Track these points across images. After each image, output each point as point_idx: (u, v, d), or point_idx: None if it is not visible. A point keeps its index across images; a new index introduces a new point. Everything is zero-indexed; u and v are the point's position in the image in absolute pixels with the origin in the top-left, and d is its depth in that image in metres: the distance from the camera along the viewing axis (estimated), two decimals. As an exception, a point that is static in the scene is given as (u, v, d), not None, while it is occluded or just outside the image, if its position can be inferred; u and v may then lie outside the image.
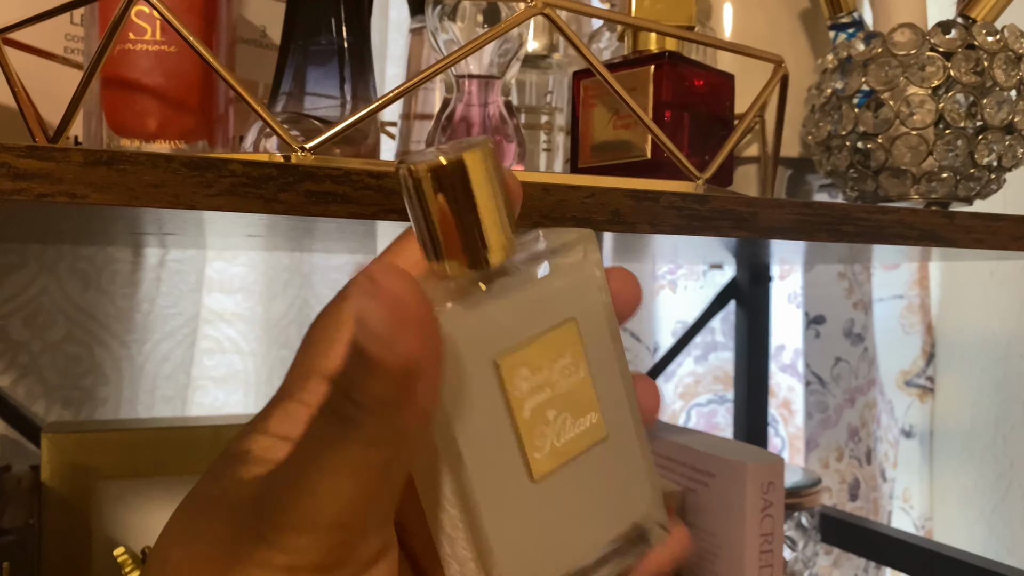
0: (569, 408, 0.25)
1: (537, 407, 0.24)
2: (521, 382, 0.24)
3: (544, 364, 0.24)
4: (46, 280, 0.64)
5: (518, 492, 0.24)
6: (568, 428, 0.25)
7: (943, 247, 0.43)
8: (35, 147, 0.28)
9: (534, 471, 0.24)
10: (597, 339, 0.25)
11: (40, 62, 0.49)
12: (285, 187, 0.30)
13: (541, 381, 0.24)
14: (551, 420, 0.24)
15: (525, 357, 0.24)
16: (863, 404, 1.01)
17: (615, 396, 0.26)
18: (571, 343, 0.25)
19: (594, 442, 0.25)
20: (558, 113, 0.59)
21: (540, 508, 0.24)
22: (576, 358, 0.25)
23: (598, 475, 0.25)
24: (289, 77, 0.46)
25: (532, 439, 0.24)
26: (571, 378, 0.25)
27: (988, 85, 0.48)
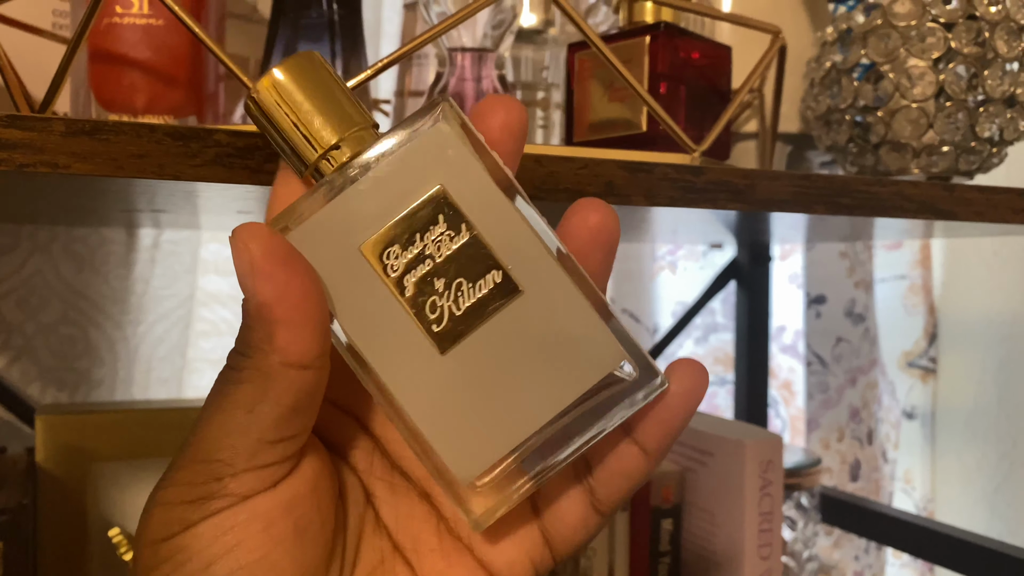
0: (461, 273, 0.24)
1: (419, 280, 0.24)
2: (393, 261, 0.24)
3: (415, 237, 0.24)
4: (39, 261, 0.63)
5: (431, 368, 0.24)
6: (467, 293, 0.24)
7: (942, 220, 0.43)
8: (16, 116, 0.27)
9: (439, 344, 0.24)
10: (483, 198, 0.24)
11: (27, 38, 0.48)
12: (272, 157, 0.30)
13: (416, 255, 0.24)
14: (440, 289, 0.24)
15: (388, 236, 0.24)
16: (864, 384, 1.01)
17: (526, 248, 0.24)
18: (443, 209, 0.24)
19: (506, 299, 0.24)
20: (554, 89, 0.59)
21: (462, 379, 0.24)
22: (455, 222, 0.24)
23: (526, 332, 0.24)
24: (280, 52, 0.45)
25: (424, 313, 0.24)
26: (453, 243, 0.24)
27: (989, 56, 0.48)
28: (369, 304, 0.24)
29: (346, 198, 0.24)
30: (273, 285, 0.22)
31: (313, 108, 0.24)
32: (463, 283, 0.24)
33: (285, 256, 0.22)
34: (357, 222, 0.24)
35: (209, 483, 0.23)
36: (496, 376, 0.24)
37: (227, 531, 0.23)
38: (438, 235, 0.24)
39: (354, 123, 0.24)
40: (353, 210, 0.24)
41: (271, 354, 0.22)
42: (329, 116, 0.24)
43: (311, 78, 0.24)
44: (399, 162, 0.24)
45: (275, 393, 0.22)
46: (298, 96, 0.24)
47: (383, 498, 0.27)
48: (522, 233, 0.24)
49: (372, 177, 0.24)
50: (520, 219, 0.24)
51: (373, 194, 0.24)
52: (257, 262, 0.22)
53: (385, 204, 0.24)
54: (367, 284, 0.24)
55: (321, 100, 0.24)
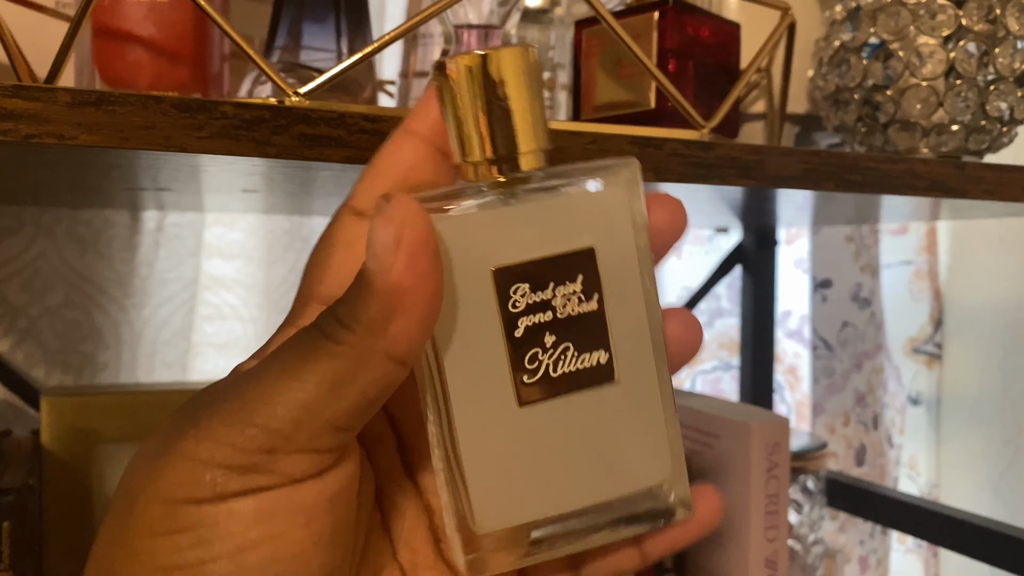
0: (573, 338, 0.23)
1: (533, 327, 0.23)
2: (518, 297, 0.22)
3: (549, 284, 0.23)
4: (44, 244, 0.63)
5: (501, 415, 0.23)
6: (569, 360, 0.23)
7: (952, 198, 0.42)
8: (21, 86, 0.27)
9: (521, 395, 0.23)
10: (621, 275, 0.23)
11: (33, 17, 0.48)
12: (278, 130, 0.30)
13: (542, 301, 0.23)
14: (548, 346, 0.23)
15: (527, 272, 0.22)
16: (870, 369, 1.01)
17: (636, 341, 0.24)
18: (586, 271, 0.23)
19: (600, 383, 0.23)
20: (560, 70, 0.58)
21: (525, 437, 0.23)
22: (590, 288, 0.23)
23: (601, 421, 0.24)
24: (284, 30, 0.45)
25: (523, 361, 0.23)
26: (580, 308, 0.23)
27: (1000, 34, 0.47)
28: (474, 327, 0.22)
29: (503, 214, 0.22)
30: (414, 273, 0.20)
31: (515, 107, 0.22)
32: (570, 349, 0.23)
33: (434, 249, 0.21)
34: (504, 243, 0.22)
35: (258, 453, 0.20)
36: (556, 447, 0.23)
37: (270, 516, 0.21)
38: (570, 292, 0.23)
39: (539, 141, 0.23)
40: (507, 230, 0.22)
41: (380, 339, 0.21)
42: (522, 122, 0.22)
43: (523, 75, 0.22)
44: (567, 201, 0.23)
45: (366, 380, 0.21)
46: (504, 88, 0.22)
47: (392, 501, 0.26)
48: (640, 327, 0.23)
49: (534, 205, 0.22)
50: (644, 315, 0.24)
51: (528, 222, 0.22)
52: (407, 241, 0.20)
53: (535, 237, 0.22)
54: (482, 306, 0.22)
55: (522, 102, 0.22)
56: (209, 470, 0.20)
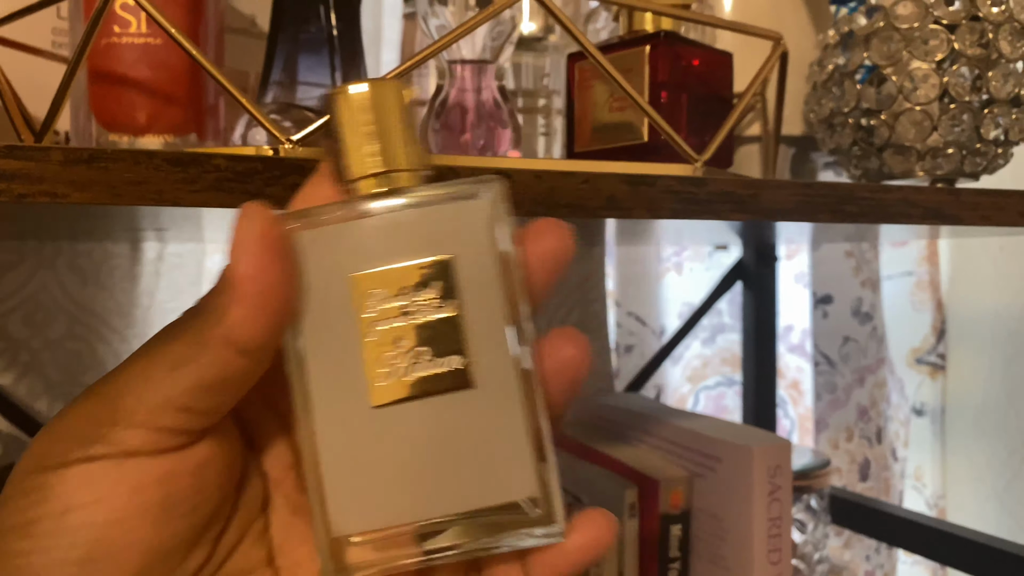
0: (427, 344, 0.24)
1: (387, 331, 0.24)
2: (373, 301, 0.24)
3: (404, 291, 0.24)
4: (45, 277, 0.63)
5: (357, 416, 0.24)
6: (423, 364, 0.24)
7: (948, 225, 0.42)
8: (14, 147, 0.27)
9: (374, 396, 0.24)
10: (481, 285, 0.24)
11: (28, 58, 0.48)
12: (271, 181, 0.30)
13: (396, 307, 0.24)
14: (403, 349, 0.24)
15: (383, 278, 0.24)
16: (873, 383, 1.01)
17: (496, 351, 0.24)
18: (443, 279, 0.24)
19: (456, 388, 0.24)
20: (556, 96, 0.59)
21: (380, 438, 0.24)
22: (446, 296, 0.24)
23: (458, 428, 0.24)
24: (279, 66, 0.45)
25: (377, 363, 0.24)
26: (434, 314, 0.24)
27: (993, 57, 0.47)
28: (335, 332, 0.24)
29: (362, 225, 0.24)
30: (253, 263, 0.22)
31: (381, 131, 0.24)
32: (425, 353, 0.24)
33: (277, 246, 0.23)
34: (361, 252, 0.24)
35: (101, 425, 0.22)
36: (413, 452, 0.24)
37: (94, 482, 0.22)
38: (425, 299, 0.24)
39: (407, 162, 0.25)
40: (363, 239, 0.24)
41: (218, 325, 0.22)
42: (390, 145, 0.24)
43: (391, 105, 0.25)
44: (426, 215, 0.24)
45: (203, 363, 0.22)
46: (373, 114, 0.24)
47: (281, 515, 0.27)
48: (499, 338, 0.24)
49: (394, 217, 0.24)
50: (503, 326, 0.24)
51: (388, 233, 0.24)
52: (249, 238, 0.22)
53: (394, 248, 0.24)
54: (340, 312, 0.24)
55: (390, 128, 0.24)
56: (60, 441, 0.23)
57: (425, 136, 0.45)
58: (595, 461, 0.64)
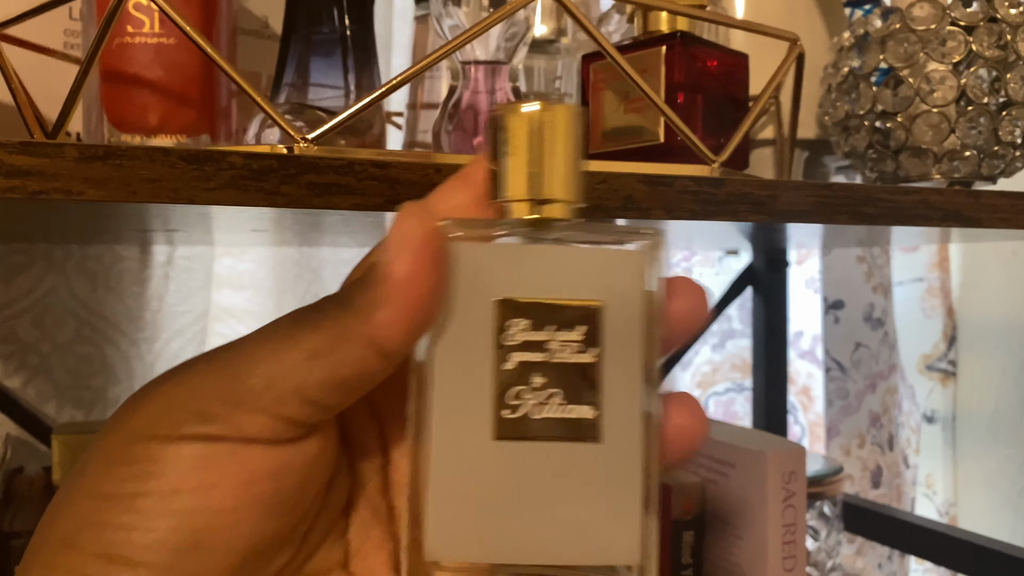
0: (562, 386, 0.23)
1: (524, 364, 0.23)
2: (516, 332, 0.23)
3: (548, 327, 0.23)
4: (54, 280, 0.63)
5: (476, 444, 0.23)
6: (553, 406, 0.23)
7: (967, 227, 0.42)
8: (29, 143, 0.27)
9: (498, 429, 0.23)
10: (625, 337, 0.23)
11: (40, 58, 0.48)
12: (287, 179, 0.30)
13: (538, 341, 0.23)
14: (536, 386, 0.23)
15: (531, 309, 0.23)
16: (884, 390, 1.00)
17: (627, 408, 0.23)
18: (590, 324, 0.23)
19: (582, 438, 0.23)
20: (567, 99, 0.58)
21: (493, 472, 0.23)
22: (589, 341, 0.23)
23: (576, 479, 0.23)
24: (292, 68, 0.45)
25: (507, 394, 0.23)
26: (576, 357, 0.23)
27: (1011, 59, 0.47)
28: (470, 353, 0.23)
29: (523, 251, 0.23)
30: (410, 266, 0.22)
31: (557, 158, 0.24)
32: (558, 395, 0.23)
33: (437, 251, 0.22)
34: (514, 278, 0.23)
35: (223, 404, 0.21)
36: (523, 494, 0.23)
37: (210, 466, 0.21)
38: (568, 340, 0.23)
39: (566, 193, 0.24)
40: (519, 266, 0.23)
41: (365, 323, 0.22)
42: (555, 172, 0.24)
43: (563, 130, 0.24)
44: (584, 255, 0.23)
45: (342, 358, 0.22)
46: (543, 137, 0.24)
47: (361, 516, 0.26)
48: (633, 395, 0.23)
49: (553, 250, 0.23)
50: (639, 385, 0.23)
51: (544, 264, 0.23)
52: (414, 239, 0.22)
53: (548, 281, 0.23)
54: (480, 333, 0.23)
55: (557, 154, 0.24)
56: (175, 411, 0.21)
57: (438, 137, 0.45)
58: (606, 466, 0.64)
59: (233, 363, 0.22)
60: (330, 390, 0.22)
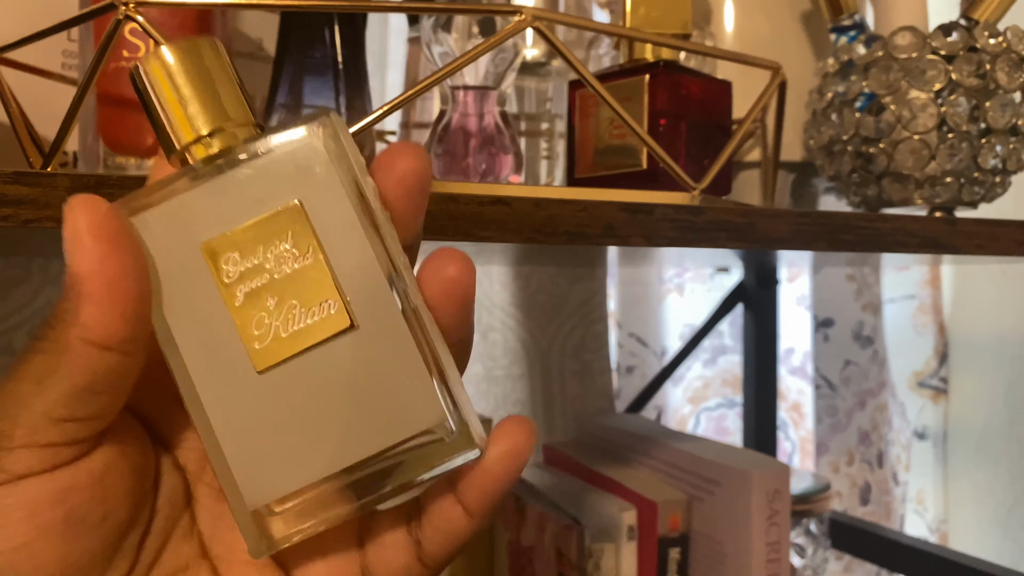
0: (296, 295, 0.23)
1: (251, 293, 0.23)
2: (231, 267, 0.23)
3: (258, 248, 0.23)
4: (50, 293, 0.64)
5: (243, 384, 0.23)
6: (297, 317, 0.23)
7: (945, 254, 0.43)
8: (21, 173, 0.28)
9: (257, 361, 0.23)
10: (339, 225, 0.23)
11: (37, 78, 0.49)
12: (273, 207, 0.30)
13: (255, 266, 0.23)
14: (271, 307, 0.23)
15: (234, 241, 0.23)
16: (874, 407, 1.01)
17: (370, 286, 0.23)
18: (295, 226, 0.23)
19: (335, 333, 0.23)
20: (558, 120, 0.59)
21: (273, 402, 0.23)
22: (303, 242, 0.23)
23: (350, 371, 0.23)
24: (285, 89, 0.46)
25: (250, 327, 0.23)
26: (296, 263, 0.23)
27: (991, 88, 0.48)
28: (198, 305, 0.23)
29: (201, 192, 0.23)
30: (89, 258, 0.21)
31: (195, 93, 0.23)
32: (297, 306, 0.23)
33: (112, 233, 0.22)
34: (207, 219, 0.23)
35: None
36: (310, 406, 0.23)
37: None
38: (282, 251, 0.23)
39: (234, 117, 0.24)
40: (205, 206, 0.23)
41: (72, 328, 0.21)
42: (210, 105, 0.23)
43: (202, 64, 0.24)
44: (264, 167, 0.23)
45: (68, 368, 0.21)
46: (183, 78, 0.23)
47: (205, 505, 0.26)
48: (371, 270, 0.23)
49: (233, 176, 0.23)
50: (372, 257, 0.23)
51: (229, 193, 0.23)
52: (80, 233, 0.21)
53: (239, 207, 0.23)
54: (201, 284, 0.23)
55: (206, 87, 0.23)
56: None
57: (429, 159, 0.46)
58: (594, 482, 0.64)
59: None
60: (76, 402, 0.22)
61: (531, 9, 0.35)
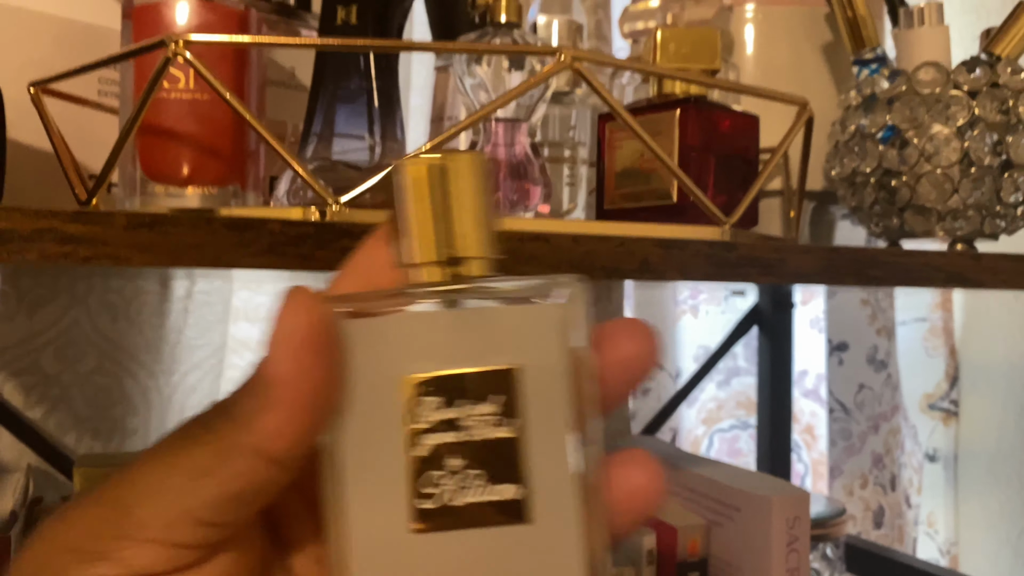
0: (483, 465, 0.21)
1: (437, 447, 0.21)
2: (426, 412, 0.21)
3: (461, 402, 0.21)
4: (77, 313, 0.65)
5: (393, 537, 0.21)
6: (473, 489, 0.21)
7: (970, 288, 0.43)
8: (81, 212, 0.28)
9: (415, 520, 0.21)
10: (548, 403, 0.21)
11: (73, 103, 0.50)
12: (321, 245, 0.31)
13: (451, 419, 0.21)
14: (453, 468, 0.21)
15: (438, 384, 0.21)
16: (887, 431, 1.01)
17: (557, 480, 0.21)
18: (507, 392, 0.21)
19: (508, 521, 0.21)
20: (581, 147, 0.60)
21: (416, 567, 0.21)
22: (508, 412, 0.21)
23: (507, 564, 0.21)
24: (320, 118, 0.47)
25: (422, 483, 0.21)
26: (494, 432, 0.21)
27: (1013, 123, 0.48)
28: (376, 437, 0.21)
29: (420, 320, 0.21)
30: (290, 366, 0.20)
31: (451, 211, 0.21)
32: (479, 477, 0.21)
33: (323, 344, 0.20)
34: (419, 351, 0.21)
35: (108, 539, 0.20)
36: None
37: None
38: (484, 414, 0.21)
39: (478, 248, 0.22)
40: (423, 336, 0.21)
41: (245, 432, 0.20)
42: (460, 228, 0.22)
43: (466, 181, 0.22)
44: (492, 315, 0.21)
45: (228, 473, 0.20)
46: (444, 191, 0.22)
47: None
48: (563, 468, 0.21)
49: (458, 315, 0.21)
50: (568, 455, 0.21)
51: (449, 332, 0.21)
52: (291, 334, 0.20)
53: (457, 349, 0.21)
54: (389, 417, 0.21)
55: (462, 208, 0.22)
56: (60, 554, 0.20)
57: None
58: (613, 506, 0.65)
59: (119, 495, 0.20)
60: (223, 507, 0.20)
61: (570, 50, 0.36)
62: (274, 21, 0.53)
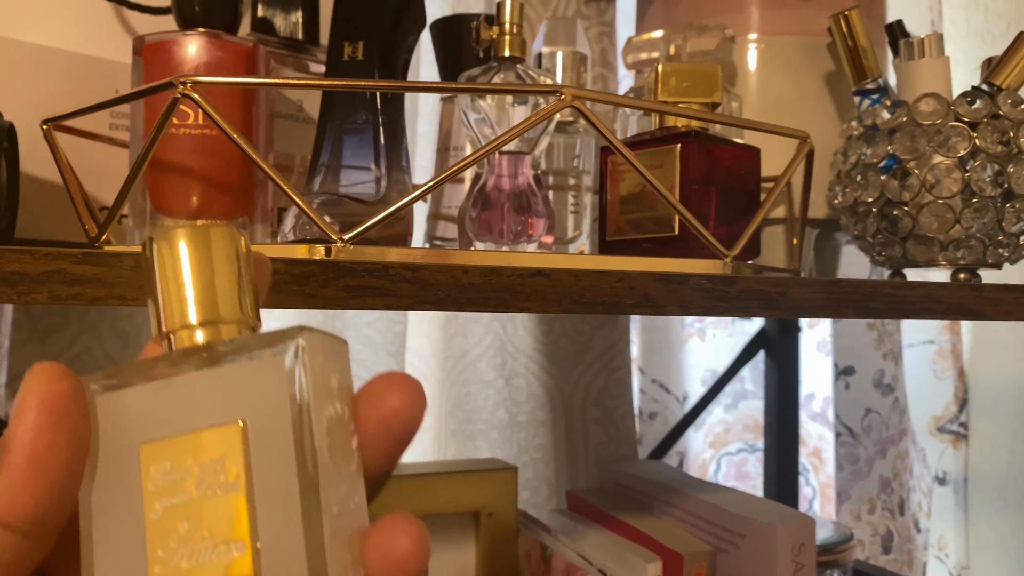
0: (209, 527, 0.20)
1: (170, 509, 0.21)
2: (159, 476, 0.21)
3: (190, 464, 0.21)
4: (88, 339, 0.66)
5: None
6: (203, 551, 0.20)
7: (972, 320, 0.44)
8: (88, 253, 0.29)
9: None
10: (276, 460, 0.20)
11: (85, 138, 0.51)
12: (326, 283, 0.32)
13: (179, 482, 0.21)
14: (183, 531, 0.20)
15: (170, 449, 0.21)
16: (895, 455, 1.01)
17: (289, 543, 0.20)
18: (232, 450, 0.20)
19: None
20: (585, 175, 0.61)
21: None
22: (232, 470, 0.20)
23: None
24: (327, 150, 0.47)
25: (157, 547, 0.20)
26: (220, 491, 0.20)
27: (1014, 153, 0.49)
28: (122, 505, 0.21)
29: (157, 388, 0.21)
30: (23, 428, 0.20)
31: (199, 280, 0.22)
32: (206, 538, 0.20)
33: (58, 408, 0.20)
34: (154, 417, 0.21)
35: None
36: None
37: None
38: (211, 474, 0.20)
39: (229, 314, 0.22)
40: (157, 403, 0.21)
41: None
42: (208, 295, 0.22)
43: (215, 252, 0.22)
44: (220, 375, 0.21)
45: None
46: (193, 262, 0.22)
47: None
48: (294, 527, 0.20)
49: (191, 378, 0.21)
50: (300, 513, 0.20)
51: (182, 396, 0.21)
52: (26, 399, 0.20)
53: (187, 412, 0.21)
54: (131, 484, 0.21)
55: (212, 277, 0.22)
56: None
57: (463, 222, 0.47)
58: (619, 531, 0.65)
59: None
60: None
61: (570, 89, 0.36)
62: (282, 56, 0.54)
